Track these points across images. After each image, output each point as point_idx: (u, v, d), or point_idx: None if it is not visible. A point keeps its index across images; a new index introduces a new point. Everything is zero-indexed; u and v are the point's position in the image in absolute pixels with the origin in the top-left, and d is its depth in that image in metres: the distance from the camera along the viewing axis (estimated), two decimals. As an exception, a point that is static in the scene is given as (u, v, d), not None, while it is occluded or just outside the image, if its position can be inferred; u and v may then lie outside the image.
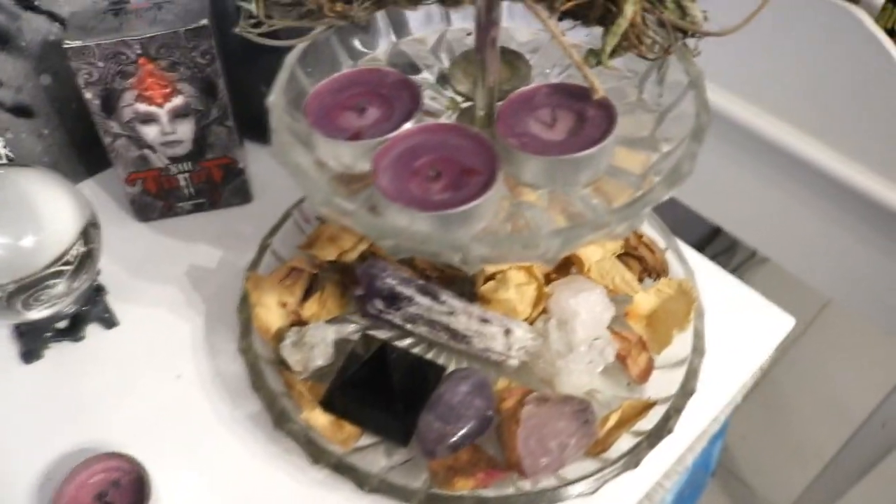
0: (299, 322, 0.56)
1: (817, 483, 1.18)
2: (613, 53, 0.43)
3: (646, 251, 0.59)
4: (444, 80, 0.48)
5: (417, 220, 0.38)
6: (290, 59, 0.45)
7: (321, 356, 0.52)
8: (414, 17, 0.51)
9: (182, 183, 0.63)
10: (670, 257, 0.61)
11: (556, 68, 0.48)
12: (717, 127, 0.88)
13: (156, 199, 0.64)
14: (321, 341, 0.52)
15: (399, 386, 0.50)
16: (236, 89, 0.62)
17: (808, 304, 1.59)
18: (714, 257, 1.56)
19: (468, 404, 0.49)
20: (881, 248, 0.82)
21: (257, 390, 0.52)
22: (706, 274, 0.63)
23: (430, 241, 0.37)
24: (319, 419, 0.50)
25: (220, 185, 0.65)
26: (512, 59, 0.47)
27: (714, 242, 1.58)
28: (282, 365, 0.53)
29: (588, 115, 0.42)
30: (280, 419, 0.51)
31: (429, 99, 0.48)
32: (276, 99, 0.43)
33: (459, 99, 0.46)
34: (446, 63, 0.49)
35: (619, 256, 0.59)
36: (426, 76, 0.49)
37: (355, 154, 0.41)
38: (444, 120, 0.46)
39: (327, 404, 0.51)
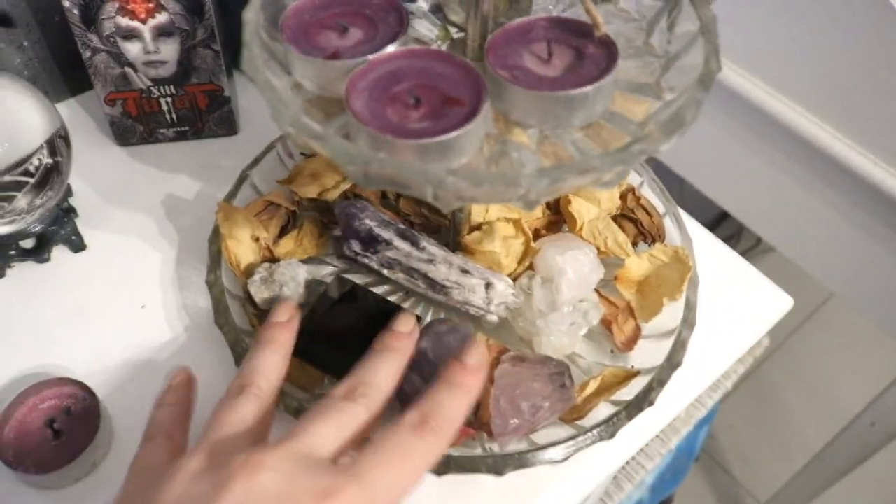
0: (272, 259, 0.53)
1: (800, 477, 1.16)
2: (622, -10, 0.40)
3: (643, 214, 0.56)
4: (438, 9, 0.45)
5: (391, 147, 0.35)
6: (274, -29, 0.41)
7: (290, 296, 0.50)
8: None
9: (164, 107, 0.61)
10: (668, 223, 0.58)
11: (560, 4, 0.45)
12: (732, 108, 0.85)
13: (136, 123, 0.61)
14: (291, 280, 0.50)
15: (367, 332, 0.47)
16: (232, 18, 0.58)
17: (809, 297, 1.57)
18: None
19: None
20: (890, 244, 0.79)
21: (221, 326, 0.50)
22: (705, 245, 0.61)
23: (403, 171, 0.34)
24: (283, 360, 0.48)
25: (204, 113, 0.62)
26: (513, -10, 0.43)
27: (720, 227, 1.55)
28: (249, 301, 0.51)
29: (587, 53, 0.39)
30: (242, 358, 0.48)
31: (423, 29, 0.45)
32: (251, 13, 0.39)
33: (452, 30, 0.43)
34: (444, -9, 0.46)
35: (615, 218, 0.56)
36: (421, 4, 0.46)
37: (332, 75, 0.38)
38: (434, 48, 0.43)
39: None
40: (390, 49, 0.38)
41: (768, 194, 0.90)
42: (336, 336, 0.49)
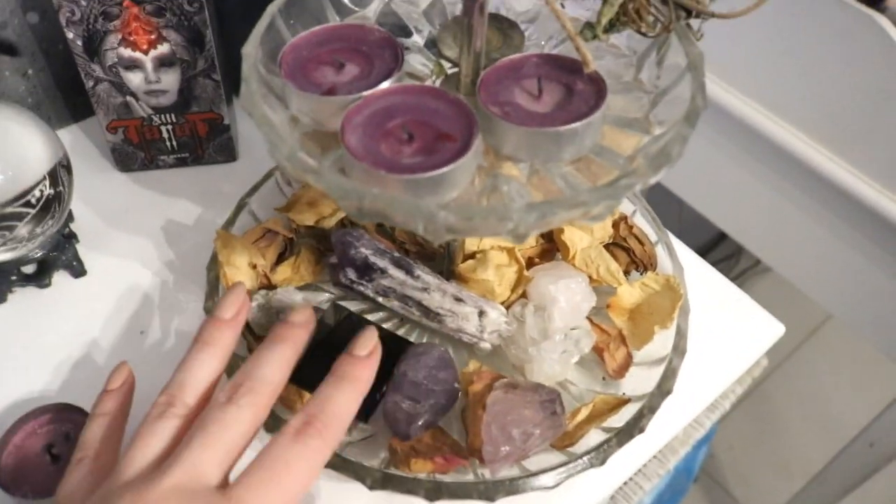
0: (269, 286, 0.54)
1: (800, 497, 1.16)
2: (612, 28, 0.41)
3: (635, 242, 0.57)
4: (433, 44, 0.46)
5: (384, 182, 0.36)
6: (272, 7, 0.42)
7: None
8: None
9: (165, 135, 0.62)
10: (660, 252, 0.59)
11: (552, 40, 0.46)
12: (731, 131, 0.86)
13: (137, 150, 0.63)
14: (288, 307, 0.50)
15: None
16: (232, 47, 0.59)
17: (807, 317, 1.57)
18: (717, 263, 1.55)
19: (433, 379, 0.47)
20: (888, 267, 0.80)
21: (218, 352, 0.50)
22: (697, 272, 0.61)
23: (395, 206, 0.35)
24: (279, 387, 0.48)
25: (204, 141, 0.63)
26: (505, 27, 0.44)
27: (718, 248, 1.56)
28: (246, 328, 0.51)
29: (577, 90, 0.40)
30: (238, 383, 0.49)
31: (418, 64, 0.46)
32: (250, 48, 0.41)
33: (446, 64, 0.44)
34: (437, 27, 0.47)
35: (607, 246, 0.57)
36: (416, 40, 0.47)
37: (328, 110, 0.39)
38: (427, 84, 0.44)
39: (288, 372, 0.49)
40: (385, 85, 0.39)
41: (766, 216, 0.91)
42: (332, 363, 0.49)
